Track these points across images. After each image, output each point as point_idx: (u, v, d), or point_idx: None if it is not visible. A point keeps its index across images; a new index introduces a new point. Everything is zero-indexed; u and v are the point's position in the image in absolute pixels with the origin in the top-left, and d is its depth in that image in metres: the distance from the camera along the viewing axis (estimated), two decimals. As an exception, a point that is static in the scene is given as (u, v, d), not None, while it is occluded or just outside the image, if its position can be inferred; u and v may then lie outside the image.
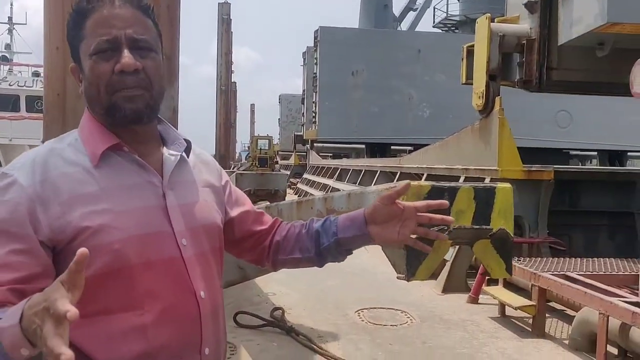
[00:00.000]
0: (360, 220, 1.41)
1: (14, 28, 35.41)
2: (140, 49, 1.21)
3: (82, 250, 0.93)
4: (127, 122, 1.22)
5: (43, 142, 2.75)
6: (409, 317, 5.77)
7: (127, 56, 1.19)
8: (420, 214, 1.38)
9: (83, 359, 1.14)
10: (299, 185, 23.85)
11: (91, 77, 1.21)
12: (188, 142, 1.35)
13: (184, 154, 1.33)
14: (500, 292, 5.86)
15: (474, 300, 6.36)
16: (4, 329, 0.96)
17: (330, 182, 17.90)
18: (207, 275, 1.29)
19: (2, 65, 32.15)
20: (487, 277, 6.26)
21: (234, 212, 1.48)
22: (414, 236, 1.41)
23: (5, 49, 34.56)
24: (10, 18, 35.60)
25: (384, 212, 1.38)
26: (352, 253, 1.49)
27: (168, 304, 1.20)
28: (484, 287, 6.20)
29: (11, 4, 37.24)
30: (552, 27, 6.84)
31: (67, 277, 0.93)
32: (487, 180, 7.01)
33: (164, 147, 1.32)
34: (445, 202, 1.42)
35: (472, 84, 7.56)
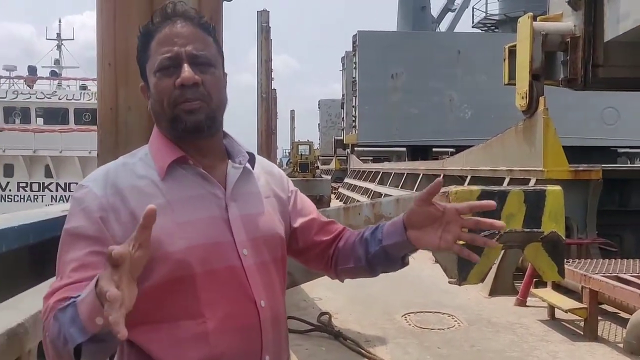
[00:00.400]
0: (400, 225, 1.34)
1: (62, 44, 36.60)
2: (200, 65, 1.27)
3: (151, 206, 1.01)
4: (188, 133, 1.27)
5: (98, 154, 2.88)
6: (456, 321, 5.74)
7: (186, 71, 1.24)
8: (465, 217, 1.28)
9: None
10: (341, 190, 23.89)
11: (155, 93, 1.28)
12: (251, 155, 1.40)
13: (248, 165, 1.38)
14: (549, 294, 5.77)
15: (522, 303, 6.28)
16: (82, 300, 1.03)
17: (372, 186, 17.88)
18: (268, 284, 1.32)
19: (51, 80, 33.24)
20: (535, 280, 6.17)
21: (298, 222, 1.49)
22: (460, 242, 1.29)
23: (54, 64, 35.74)
24: (58, 34, 36.78)
25: (420, 215, 1.29)
26: (407, 262, 1.41)
27: (229, 312, 1.24)
28: (532, 290, 6.12)
29: (59, 21, 38.51)
30: (597, 23, 6.71)
31: (136, 232, 1.01)
32: (533, 181, 6.92)
33: (229, 161, 1.36)
34: (493, 202, 1.28)
35: (514, 85, 7.47)
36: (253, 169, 1.40)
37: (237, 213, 1.31)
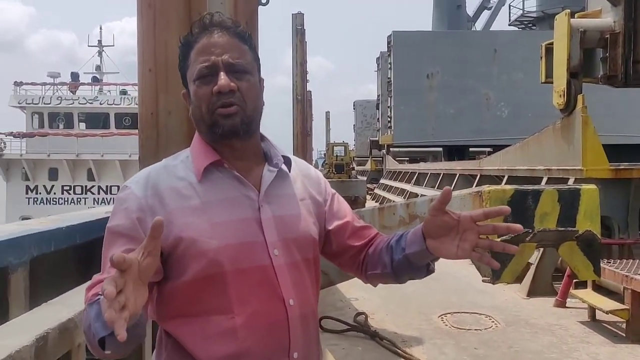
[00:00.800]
0: (420, 234, 1.34)
1: (103, 50, 37.50)
2: (237, 72, 1.33)
3: (158, 218, 1.10)
4: (225, 137, 1.34)
5: (140, 158, 2.97)
6: (493, 321, 5.69)
7: (223, 79, 1.31)
8: (481, 224, 1.27)
9: (185, 356, 1.28)
10: (376, 191, 23.83)
11: (195, 99, 1.35)
12: (287, 158, 1.45)
13: (284, 167, 1.43)
14: (589, 295, 5.67)
15: (561, 304, 6.18)
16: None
17: (408, 187, 17.79)
18: (298, 283, 1.36)
19: (93, 86, 34.10)
20: (574, 280, 6.07)
21: (333, 225, 1.51)
22: (479, 249, 1.28)
23: (95, 70, 36.65)
24: (99, 41, 37.71)
25: (436, 224, 1.30)
26: (432, 270, 1.42)
27: (257, 309, 1.29)
28: (572, 291, 6.02)
29: (100, 28, 39.53)
30: (637, 19, 6.57)
31: (145, 242, 1.10)
32: (572, 180, 6.80)
33: (266, 164, 1.41)
34: (507, 208, 1.26)
35: (552, 83, 7.36)
36: (290, 171, 1.44)
37: (270, 214, 1.36)
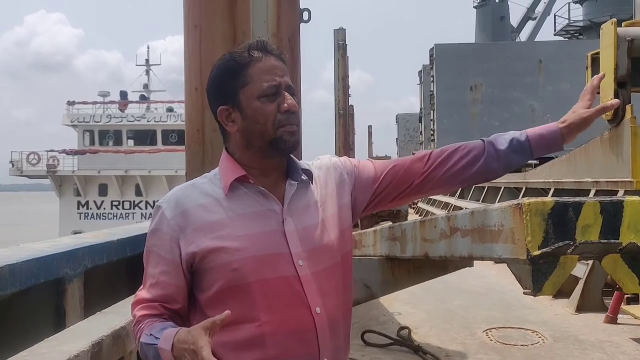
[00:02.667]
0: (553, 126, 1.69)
1: (150, 69, 38.59)
2: (292, 95, 1.46)
3: (227, 312, 1.23)
4: (287, 152, 1.47)
5: (186, 174, 3.07)
6: (540, 337, 5.57)
7: (291, 99, 1.44)
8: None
9: None
10: (420, 205, 23.63)
11: (258, 115, 1.43)
12: (307, 171, 1.53)
13: (305, 177, 1.51)
14: (642, 311, 5.49)
15: (613, 320, 5.99)
16: (162, 350, 1.28)
17: (452, 201, 17.59)
18: (326, 291, 1.43)
19: (140, 104, 35.09)
20: (626, 296, 5.89)
21: (376, 185, 1.61)
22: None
23: (143, 88, 37.75)
24: (147, 60, 38.86)
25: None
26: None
27: (284, 317, 1.37)
28: (624, 307, 5.84)
29: (148, 47, 40.75)
30: (687, 27, 6.39)
31: (210, 325, 1.24)
32: (621, 193, 6.62)
33: (288, 179, 1.50)
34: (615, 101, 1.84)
35: (599, 94, 7.20)
36: (312, 182, 1.53)
37: (294, 227, 1.43)
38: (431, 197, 22.42)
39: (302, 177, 1.50)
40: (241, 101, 1.45)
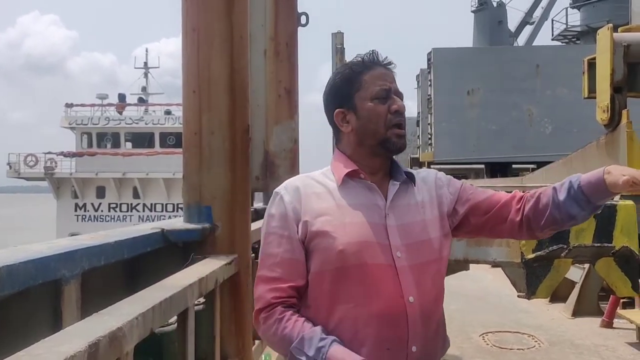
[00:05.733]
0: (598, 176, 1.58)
1: (148, 72, 38.58)
2: (401, 99, 1.63)
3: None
4: (394, 152, 1.62)
5: (184, 176, 3.07)
6: (536, 341, 5.59)
7: (400, 102, 1.61)
8: None
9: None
10: (417, 208, 23.65)
11: (372, 115, 1.59)
12: (409, 174, 1.64)
13: (406, 178, 1.62)
14: (637, 315, 5.52)
15: (608, 324, 6.02)
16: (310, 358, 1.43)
17: (449, 204, 17.61)
18: (421, 283, 1.53)
19: (138, 106, 35.05)
20: (622, 300, 5.92)
21: (463, 208, 1.66)
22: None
23: (141, 91, 37.73)
24: (145, 63, 38.85)
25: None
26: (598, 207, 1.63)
27: (377, 302, 1.47)
28: (619, 311, 5.87)
29: (146, 50, 40.74)
30: (683, 32, 6.42)
31: None
32: (617, 197, 6.65)
33: (391, 179, 1.63)
34: None
35: (595, 98, 7.24)
36: (415, 185, 1.63)
37: (394, 222, 1.55)
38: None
39: (404, 177, 1.62)
40: (356, 103, 1.62)
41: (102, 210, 31.93)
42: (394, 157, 1.67)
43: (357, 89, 1.61)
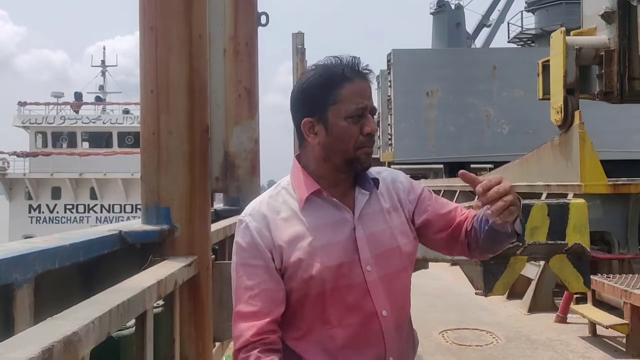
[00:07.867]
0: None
1: (106, 70, 37.80)
2: (373, 115, 1.54)
3: None
4: (362, 170, 1.54)
5: (141, 177, 3.03)
6: (494, 338, 5.70)
7: (372, 122, 1.52)
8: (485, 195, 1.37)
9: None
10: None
11: (343, 134, 1.50)
12: (375, 180, 1.58)
13: (374, 187, 1.57)
14: (589, 310, 5.69)
15: (562, 319, 6.20)
16: None
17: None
18: (392, 294, 1.52)
19: (96, 105, 34.30)
20: (575, 296, 6.09)
21: (421, 218, 1.61)
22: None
23: (99, 89, 36.94)
24: (103, 61, 38.07)
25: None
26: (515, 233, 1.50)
27: (352, 321, 1.47)
28: (573, 306, 6.04)
29: (104, 48, 39.97)
30: (632, 36, 6.67)
31: None
32: (570, 196, 6.84)
33: (357, 187, 1.56)
34: (471, 176, 1.40)
35: (549, 99, 7.44)
36: (378, 189, 1.58)
37: (362, 233, 1.51)
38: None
39: (372, 186, 1.57)
40: (328, 118, 1.51)
41: (57, 212, 31.13)
42: None
43: (333, 102, 1.50)
